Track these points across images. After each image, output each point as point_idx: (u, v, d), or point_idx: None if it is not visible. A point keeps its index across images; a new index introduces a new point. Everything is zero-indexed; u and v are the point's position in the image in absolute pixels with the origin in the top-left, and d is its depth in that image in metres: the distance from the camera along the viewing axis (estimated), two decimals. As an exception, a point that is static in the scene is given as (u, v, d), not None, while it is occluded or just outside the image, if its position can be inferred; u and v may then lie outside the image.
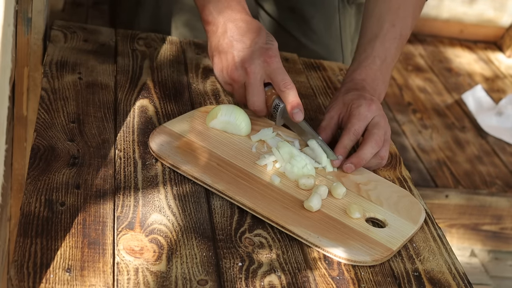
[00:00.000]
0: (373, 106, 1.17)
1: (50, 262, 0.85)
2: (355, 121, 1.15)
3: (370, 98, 1.18)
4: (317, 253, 0.98)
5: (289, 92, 1.17)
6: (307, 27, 1.57)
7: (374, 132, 1.15)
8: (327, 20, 1.57)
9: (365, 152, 1.13)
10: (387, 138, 1.18)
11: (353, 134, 1.15)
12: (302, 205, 1.04)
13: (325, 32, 1.57)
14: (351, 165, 1.13)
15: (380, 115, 1.18)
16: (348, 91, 1.21)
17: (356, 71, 1.24)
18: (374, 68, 1.24)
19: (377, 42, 1.25)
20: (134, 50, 1.36)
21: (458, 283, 0.99)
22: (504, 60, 3.61)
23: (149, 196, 1.00)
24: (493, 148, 2.82)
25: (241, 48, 1.18)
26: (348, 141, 1.15)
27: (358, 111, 1.16)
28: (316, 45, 1.58)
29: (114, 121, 1.14)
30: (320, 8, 1.56)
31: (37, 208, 0.93)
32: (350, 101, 1.18)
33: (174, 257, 0.91)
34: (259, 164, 1.09)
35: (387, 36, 1.25)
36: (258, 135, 1.16)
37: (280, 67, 1.17)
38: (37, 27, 1.28)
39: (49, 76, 1.21)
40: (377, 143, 1.14)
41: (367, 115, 1.16)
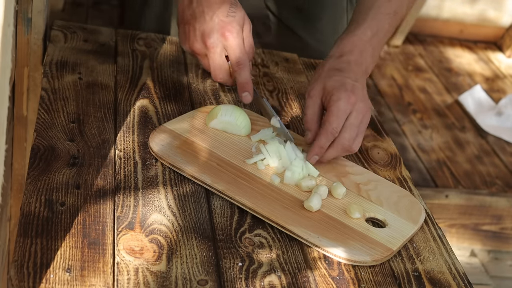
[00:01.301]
0: (353, 97, 1.12)
1: (50, 262, 0.85)
2: (333, 119, 1.11)
3: (351, 88, 1.13)
4: (317, 253, 0.98)
5: (239, 73, 1.17)
6: (314, 27, 1.56)
7: (344, 136, 1.11)
8: (335, 20, 1.56)
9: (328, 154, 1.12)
10: (361, 130, 1.13)
11: (330, 133, 1.11)
12: (302, 205, 1.04)
13: (332, 33, 1.56)
14: (315, 156, 1.11)
15: (359, 108, 1.12)
16: (331, 73, 1.16)
17: (344, 41, 1.20)
18: (364, 39, 1.20)
19: (370, 14, 1.22)
20: (134, 50, 1.36)
21: (458, 283, 0.99)
22: (504, 60, 3.61)
23: (149, 196, 1.00)
24: (493, 148, 2.82)
25: (202, 21, 1.18)
26: (326, 141, 1.11)
27: (337, 107, 1.11)
28: (323, 45, 1.57)
29: (114, 121, 1.14)
30: (328, 8, 1.55)
31: (37, 208, 0.93)
32: (331, 88, 1.13)
33: (174, 257, 0.91)
34: (249, 163, 1.09)
35: (381, 9, 1.22)
36: (258, 135, 1.16)
37: (236, 44, 1.16)
38: (37, 27, 1.28)
39: (49, 76, 1.21)
40: (344, 147, 1.12)
41: (345, 110, 1.11)
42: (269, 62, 1.44)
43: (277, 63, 1.45)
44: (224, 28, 1.17)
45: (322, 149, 1.11)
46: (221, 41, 1.17)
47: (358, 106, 1.12)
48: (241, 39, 1.18)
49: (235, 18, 1.18)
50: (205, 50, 1.19)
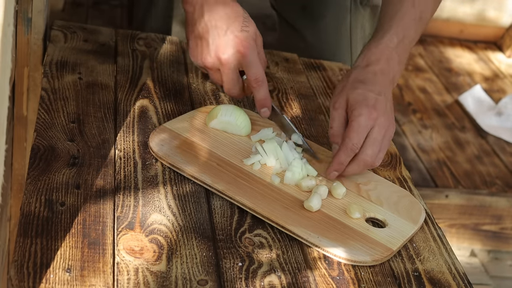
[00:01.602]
0: (375, 113, 1.10)
1: (50, 262, 0.85)
2: (354, 135, 1.09)
3: (373, 103, 1.11)
4: (317, 253, 0.98)
5: (258, 90, 1.16)
6: (317, 26, 1.56)
7: (367, 152, 1.10)
8: (338, 20, 1.55)
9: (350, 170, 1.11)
10: (385, 145, 1.12)
11: (350, 150, 1.09)
12: (302, 205, 1.04)
13: (335, 33, 1.56)
14: (335, 172, 1.10)
15: (382, 123, 1.11)
16: (355, 85, 1.14)
17: (371, 50, 1.18)
18: (391, 46, 1.18)
19: (395, 21, 1.20)
20: (134, 50, 1.36)
21: (458, 283, 0.99)
22: (504, 60, 3.61)
23: (149, 196, 1.00)
24: (493, 148, 2.82)
25: (215, 36, 1.16)
26: (345, 157, 1.10)
27: (357, 123, 1.10)
28: (325, 44, 1.57)
29: (114, 121, 1.14)
30: (331, 7, 1.55)
31: (37, 208, 0.93)
32: (354, 102, 1.12)
33: (174, 257, 0.91)
34: (246, 164, 1.09)
35: (406, 15, 1.20)
36: (258, 135, 1.16)
37: (253, 60, 1.15)
38: (37, 27, 1.28)
39: (49, 76, 1.21)
40: (366, 163, 1.11)
41: (367, 124, 1.10)
42: (269, 62, 1.44)
43: (277, 63, 1.45)
44: (239, 44, 1.14)
45: (342, 165, 1.10)
46: (236, 57, 1.15)
47: (380, 121, 1.11)
48: (257, 55, 1.16)
49: (249, 32, 1.16)
50: (219, 66, 1.17)
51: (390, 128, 1.13)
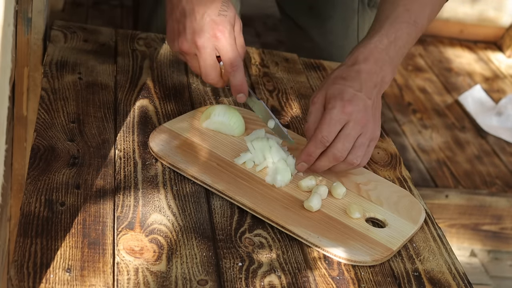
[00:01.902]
0: (349, 107, 1.07)
1: (50, 262, 0.85)
2: (324, 127, 1.07)
3: (349, 98, 1.08)
4: (317, 253, 0.98)
5: (234, 74, 1.14)
6: (324, 27, 1.55)
7: (336, 146, 1.07)
8: (345, 21, 1.55)
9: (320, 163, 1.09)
10: (362, 142, 1.09)
11: (319, 141, 1.07)
12: (302, 205, 1.04)
13: (342, 34, 1.55)
14: (303, 163, 1.09)
15: (357, 119, 1.08)
16: (335, 80, 1.12)
17: (359, 49, 1.15)
18: (380, 47, 1.15)
19: (387, 23, 1.17)
20: (134, 50, 1.36)
21: (458, 283, 0.99)
22: (504, 60, 3.61)
23: (149, 196, 1.00)
24: (493, 148, 2.82)
25: (192, 19, 1.13)
26: (314, 149, 1.07)
27: (329, 115, 1.07)
28: (332, 46, 1.56)
29: (114, 121, 1.14)
30: (339, 8, 1.54)
31: (37, 208, 0.93)
32: (330, 96, 1.09)
33: (174, 257, 0.91)
34: (237, 163, 1.09)
35: (398, 18, 1.18)
36: (250, 136, 1.15)
37: (228, 44, 1.13)
38: (37, 27, 1.28)
39: (49, 76, 1.21)
40: (335, 157, 1.07)
41: (339, 118, 1.07)
42: (269, 62, 1.44)
43: (277, 63, 1.45)
44: (215, 28, 1.12)
45: (310, 157, 1.08)
46: (212, 41, 1.13)
47: (355, 116, 1.08)
48: (233, 40, 1.14)
49: (226, 17, 1.13)
50: (195, 50, 1.14)
51: (369, 127, 1.10)
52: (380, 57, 1.14)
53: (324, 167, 1.09)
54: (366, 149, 1.09)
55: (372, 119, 1.10)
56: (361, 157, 1.09)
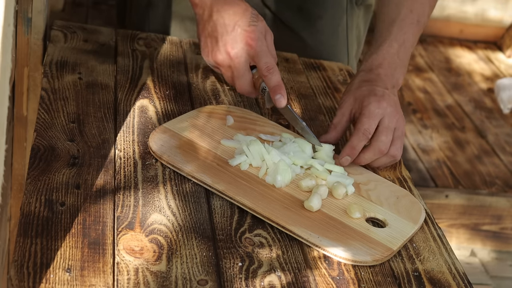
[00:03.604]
0: (384, 102, 1.15)
1: (50, 262, 0.85)
2: (365, 119, 1.14)
3: (381, 94, 1.17)
4: (317, 253, 0.98)
5: (270, 77, 1.16)
6: (314, 27, 1.56)
7: (381, 139, 1.14)
8: (335, 20, 1.56)
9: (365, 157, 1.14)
10: (398, 135, 1.16)
11: (362, 134, 1.13)
12: (302, 205, 1.04)
13: (332, 33, 1.56)
14: (347, 157, 1.13)
15: (391, 112, 1.16)
16: (360, 85, 1.20)
17: (373, 56, 1.23)
18: (392, 51, 1.23)
19: (394, 27, 1.24)
20: (134, 50, 1.36)
21: (458, 283, 0.99)
22: (504, 60, 3.61)
23: (149, 196, 1.00)
24: (493, 148, 2.82)
25: (224, 32, 1.17)
26: (358, 142, 1.13)
27: (368, 110, 1.14)
28: (322, 45, 1.57)
29: (114, 121, 1.14)
30: (328, 8, 1.55)
31: (37, 208, 0.93)
32: (361, 97, 1.17)
33: (174, 257, 0.91)
34: (232, 165, 1.09)
35: (404, 21, 1.24)
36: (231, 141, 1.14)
37: (262, 50, 1.16)
38: (37, 27, 1.28)
39: (49, 76, 1.21)
40: (380, 150, 1.14)
41: (377, 113, 1.15)
42: (269, 62, 1.44)
43: (276, 63, 1.44)
44: (247, 37, 1.16)
45: (354, 150, 1.13)
46: (245, 51, 1.16)
47: (389, 110, 1.15)
48: (266, 46, 1.17)
49: (257, 27, 1.17)
50: (229, 61, 1.18)
51: (400, 120, 1.17)
52: (392, 61, 1.22)
53: (368, 160, 1.14)
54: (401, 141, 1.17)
55: (401, 114, 1.18)
56: (400, 149, 1.16)
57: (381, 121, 1.15)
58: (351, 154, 1.13)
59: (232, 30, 1.17)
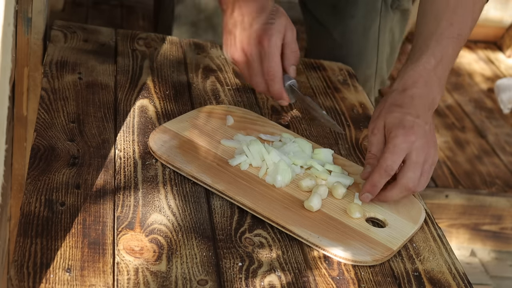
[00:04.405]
0: (412, 136, 1.06)
1: (50, 262, 0.85)
2: (388, 155, 1.05)
3: (410, 125, 1.07)
4: (317, 253, 0.98)
5: (271, 84, 1.17)
6: (345, 25, 1.56)
7: (408, 175, 1.06)
8: (367, 21, 1.55)
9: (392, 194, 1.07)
10: (426, 169, 1.07)
11: (384, 171, 1.05)
12: (302, 205, 1.04)
13: (363, 33, 1.55)
14: (367, 194, 1.07)
15: (420, 146, 1.07)
16: (392, 108, 1.10)
17: (408, 73, 1.13)
18: (428, 68, 1.13)
19: (432, 41, 1.15)
20: (134, 50, 1.36)
21: (458, 283, 0.99)
22: (504, 60, 3.61)
23: (149, 196, 1.00)
24: (493, 148, 2.82)
25: (242, 29, 1.18)
26: (379, 178, 1.05)
27: (393, 144, 1.06)
28: (352, 45, 1.56)
29: (114, 121, 1.14)
30: (361, 8, 1.54)
31: (37, 208, 0.93)
32: (390, 125, 1.08)
33: (174, 257, 0.91)
34: (232, 165, 1.09)
35: (443, 34, 1.15)
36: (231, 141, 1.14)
37: (271, 52, 1.16)
38: (37, 27, 1.28)
39: (49, 76, 1.21)
40: (407, 188, 1.06)
41: (403, 147, 1.06)
42: (269, 62, 1.44)
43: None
44: (261, 35, 1.16)
45: (375, 188, 1.06)
46: (258, 48, 1.16)
47: (418, 144, 1.07)
48: (277, 48, 1.16)
49: (273, 25, 1.17)
50: (244, 59, 1.18)
51: (431, 153, 1.08)
52: (429, 78, 1.13)
53: (394, 198, 1.07)
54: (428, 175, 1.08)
55: (432, 144, 1.09)
56: (425, 183, 1.08)
57: (408, 156, 1.06)
58: (372, 192, 1.06)
59: (249, 27, 1.17)
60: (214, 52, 1.43)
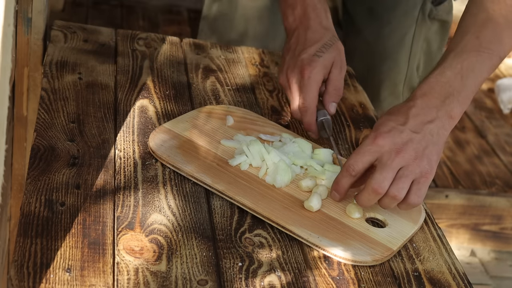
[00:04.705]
0: (382, 140, 1.02)
1: (50, 262, 0.85)
2: (353, 155, 1.03)
3: (387, 129, 1.03)
4: (317, 253, 0.98)
5: (303, 116, 1.19)
6: (381, 31, 1.55)
7: (374, 176, 1.01)
8: (403, 29, 1.54)
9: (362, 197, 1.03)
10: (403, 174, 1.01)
11: (346, 170, 1.03)
12: (302, 205, 1.04)
13: (398, 40, 1.54)
14: (334, 193, 1.05)
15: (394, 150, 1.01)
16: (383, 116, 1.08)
17: (420, 86, 1.10)
18: (442, 80, 1.09)
19: (451, 54, 1.11)
20: (134, 50, 1.36)
21: (458, 283, 0.99)
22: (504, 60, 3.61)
23: (149, 196, 1.00)
24: (493, 148, 2.82)
25: (292, 56, 1.21)
26: (341, 177, 1.04)
27: (360, 146, 1.04)
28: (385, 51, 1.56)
29: (114, 121, 1.14)
30: (398, 15, 1.54)
31: (37, 208, 0.93)
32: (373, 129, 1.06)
33: (174, 257, 0.91)
34: (232, 165, 1.09)
35: (466, 47, 1.11)
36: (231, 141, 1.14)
37: (307, 85, 1.18)
38: (37, 27, 1.28)
39: (49, 76, 1.21)
40: (373, 189, 1.00)
41: (368, 149, 1.02)
42: (269, 62, 1.44)
43: (277, 63, 1.45)
44: (303, 66, 1.18)
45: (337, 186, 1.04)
46: (298, 79, 1.19)
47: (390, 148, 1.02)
48: (315, 82, 1.18)
49: (320, 58, 1.18)
50: (287, 84, 1.21)
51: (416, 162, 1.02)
52: (442, 91, 1.08)
53: (365, 201, 1.03)
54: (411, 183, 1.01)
55: (421, 153, 1.03)
56: (404, 190, 1.01)
57: (378, 159, 1.02)
58: (337, 190, 1.04)
59: (298, 56, 1.20)
60: (214, 52, 1.43)
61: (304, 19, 1.23)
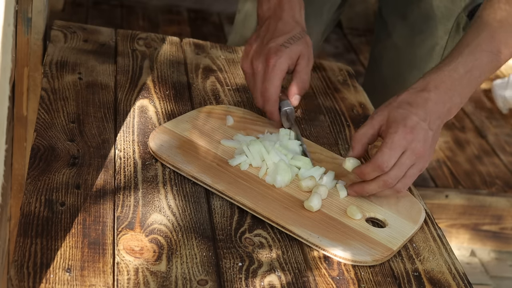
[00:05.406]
0: (409, 135, 1.04)
1: (50, 262, 0.85)
2: (386, 151, 1.03)
3: (412, 124, 1.05)
4: (317, 253, 0.98)
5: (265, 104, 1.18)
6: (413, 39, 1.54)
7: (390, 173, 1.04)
8: (435, 39, 1.52)
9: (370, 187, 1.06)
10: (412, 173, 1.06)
11: (379, 166, 1.03)
12: (302, 205, 1.04)
13: (428, 50, 1.53)
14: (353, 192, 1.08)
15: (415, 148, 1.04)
16: (401, 104, 1.08)
17: (432, 76, 1.10)
18: (454, 76, 1.09)
19: (466, 50, 1.11)
20: (134, 50, 1.36)
21: (458, 283, 0.99)
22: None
23: (149, 196, 1.00)
24: (493, 148, 2.82)
25: (259, 44, 1.20)
26: (371, 171, 1.04)
27: (391, 139, 1.04)
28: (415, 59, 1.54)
29: (114, 121, 1.14)
30: (432, 25, 1.52)
31: (37, 208, 0.93)
32: (392, 120, 1.06)
33: (174, 257, 0.91)
34: (232, 165, 1.09)
35: (480, 46, 1.11)
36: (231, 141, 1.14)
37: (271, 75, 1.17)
38: (37, 27, 1.28)
39: (49, 76, 1.21)
40: (386, 183, 1.04)
41: (401, 144, 1.04)
42: (269, 62, 1.44)
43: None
44: (269, 54, 1.18)
45: (364, 177, 1.06)
46: (263, 67, 1.18)
47: (414, 145, 1.04)
48: (280, 71, 1.17)
49: (287, 49, 1.18)
50: (251, 71, 1.20)
51: (423, 160, 1.06)
52: (452, 86, 1.09)
53: (371, 192, 1.06)
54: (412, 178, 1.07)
55: (428, 151, 1.07)
56: (406, 186, 1.07)
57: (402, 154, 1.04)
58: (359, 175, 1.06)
59: (266, 45, 1.19)
60: (214, 52, 1.43)
61: (278, 10, 1.23)
